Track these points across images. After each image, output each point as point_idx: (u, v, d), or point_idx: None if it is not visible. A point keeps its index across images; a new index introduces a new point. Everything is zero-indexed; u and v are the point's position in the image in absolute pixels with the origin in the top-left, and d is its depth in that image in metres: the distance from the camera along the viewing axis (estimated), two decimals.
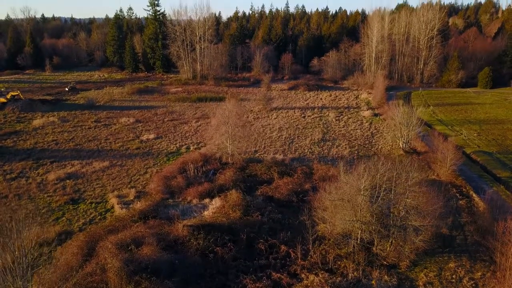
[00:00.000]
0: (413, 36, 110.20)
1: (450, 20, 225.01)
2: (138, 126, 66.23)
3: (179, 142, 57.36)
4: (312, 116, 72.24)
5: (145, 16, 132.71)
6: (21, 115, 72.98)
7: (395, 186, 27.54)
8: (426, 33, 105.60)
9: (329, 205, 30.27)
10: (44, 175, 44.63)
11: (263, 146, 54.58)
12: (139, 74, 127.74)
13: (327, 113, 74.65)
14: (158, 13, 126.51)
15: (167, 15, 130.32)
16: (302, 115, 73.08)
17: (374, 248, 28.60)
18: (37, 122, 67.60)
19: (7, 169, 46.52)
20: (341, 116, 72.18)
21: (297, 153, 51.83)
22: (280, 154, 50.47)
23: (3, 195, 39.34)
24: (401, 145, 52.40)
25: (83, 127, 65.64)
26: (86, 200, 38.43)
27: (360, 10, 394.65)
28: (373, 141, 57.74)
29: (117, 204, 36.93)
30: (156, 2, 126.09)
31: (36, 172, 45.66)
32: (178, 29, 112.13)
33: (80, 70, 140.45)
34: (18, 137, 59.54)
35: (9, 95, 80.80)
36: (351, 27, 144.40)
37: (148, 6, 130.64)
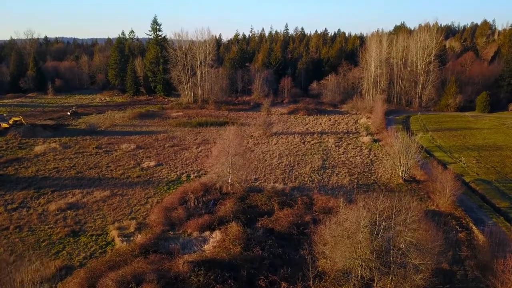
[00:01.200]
0: (410, 61, 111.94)
1: (447, 43, 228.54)
2: (139, 153, 66.65)
3: (180, 170, 57.68)
4: (312, 142, 72.78)
5: (147, 36, 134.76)
6: (23, 141, 73.56)
7: (394, 224, 27.72)
8: (424, 58, 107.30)
9: (329, 240, 30.39)
10: (45, 205, 44.78)
11: (263, 174, 54.88)
12: (140, 97, 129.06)
13: (326, 139, 75.21)
14: (159, 37, 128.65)
15: (168, 39, 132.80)
16: (302, 141, 73.63)
17: (374, 285, 28.57)
18: (38, 148, 68.05)
19: (8, 199, 46.69)
20: (341, 142, 72.72)
21: (297, 181, 52.09)
22: (280, 183, 50.73)
23: (4, 227, 39.43)
24: (400, 173, 52.70)
25: (85, 153, 66.06)
26: (86, 232, 38.49)
27: (358, 33, 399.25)
28: (373, 168, 58.06)
29: (118, 236, 37.00)
30: (157, 27, 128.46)
31: (37, 202, 45.81)
32: (180, 54, 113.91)
33: (81, 93, 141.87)
34: (19, 164, 59.86)
35: (12, 120, 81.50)
36: (349, 50, 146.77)
37: (150, 30, 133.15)
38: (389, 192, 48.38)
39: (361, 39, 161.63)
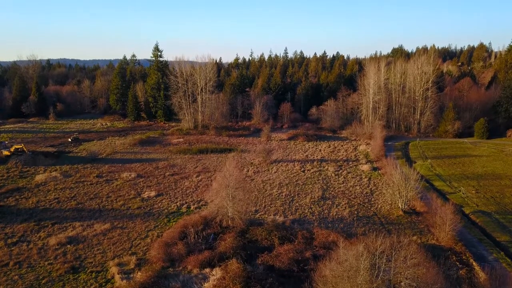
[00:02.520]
0: (408, 87, 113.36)
1: (445, 66, 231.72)
2: (140, 182, 66.87)
3: (180, 200, 57.79)
4: (312, 170, 73.09)
5: (148, 60, 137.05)
6: (24, 169, 73.86)
7: (394, 267, 27.79)
8: (422, 85, 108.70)
9: (329, 279, 30.36)
10: (46, 239, 44.75)
11: (263, 206, 54.99)
12: (141, 122, 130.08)
13: (326, 167, 75.56)
14: (160, 63, 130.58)
15: (169, 61, 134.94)
16: (302, 169, 73.95)
17: None
18: (39, 177, 68.27)
19: (8, 232, 46.69)
20: (340, 171, 73.04)
21: (297, 213, 52.16)
22: (280, 215, 50.80)
23: (4, 263, 39.34)
24: (400, 205, 52.81)
25: (85, 183, 66.30)
26: (86, 269, 38.36)
27: (356, 55, 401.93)
28: (372, 199, 58.19)
29: (118, 273, 36.87)
30: (159, 53, 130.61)
31: (38, 235, 45.79)
32: (181, 81, 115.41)
33: (83, 117, 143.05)
34: (20, 194, 60.02)
35: (13, 148, 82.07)
36: (348, 76, 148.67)
37: (151, 57, 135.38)
38: (389, 225, 48.58)
39: (360, 64, 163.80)
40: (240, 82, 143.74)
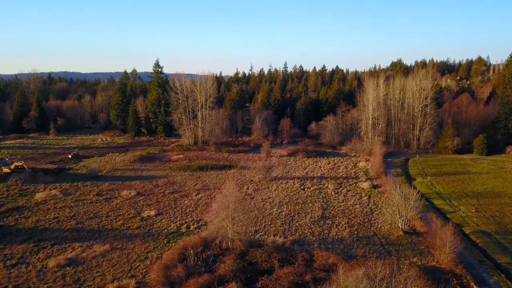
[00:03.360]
0: (407, 103, 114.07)
1: (443, 80, 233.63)
2: (139, 200, 66.84)
3: (180, 220, 57.69)
4: (312, 188, 73.12)
5: (149, 71, 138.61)
6: (24, 187, 73.89)
7: None
8: (420, 101, 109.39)
9: None
10: (45, 260, 44.53)
11: (263, 226, 54.90)
12: (141, 138, 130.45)
13: (326, 184, 75.63)
14: (161, 80, 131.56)
15: (169, 79, 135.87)
16: (302, 187, 73.99)
17: None
18: (39, 196, 68.21)
19: (7, 253, 46.51)
20: (340, 189, 73.08)
21: (297, 233, 52.06)
22: (280, 236, 50.70)
23: (3, 286, 39.15)
24: (400, 225, 52.74)
25: (85, 201, 66.25)
26: None
27: (355, 69, 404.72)
28: (372, 218, 58.13)
29: None
30: (159, 69, 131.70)
31: (37, 257, 45.58)
32: (181, 97, 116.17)
33: (83, 132, 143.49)
34: (20, 213, 59.93)
35: (13, 165, 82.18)
36: (347, 91, 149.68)
37: (152, 72, 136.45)
38: (389, 245, 48.47)
39: (359, 80, 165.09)
40: (240, 97, 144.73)
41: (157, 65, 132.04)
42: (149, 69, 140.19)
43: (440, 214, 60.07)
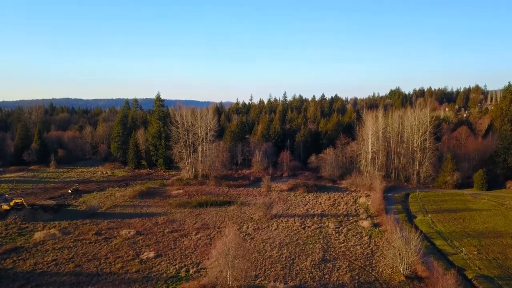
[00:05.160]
0: (406, 137, 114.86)
1: (442, 111, 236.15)
2: (139, 240, 66.34)
3: (179, 262, 57.08)
4: (312, 227, 72.72)
5: (149, 97, 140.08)
6: (22, 225, 73.56)
7: None
8: (419, 136, 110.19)
9: None
10: None
11: (263, 270, 54.27)
12: (141, 170, 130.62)
13: (326, 223, 75.27)
14: (162, 113, 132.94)
15: (170, 107, 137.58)
16: (302, 226, 73.60)
17: None
18: (38, 235, 67.75)
19: None
20: (341, 228, 72.68)
21: (297, 278, 51.43)
22: (280, 282, 50.08)
23: None
24: (401, 269, 52.21)
25: (84, 241, 65.76)
26: None
27: (355, 96, 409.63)
28: (374, 261, 57.58)
29: None
30: (160, 103, 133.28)
31: None
32: (182, 131, 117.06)
33: (83, 164, 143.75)
34: (18, 255, 59.38)
35: (13, 202, 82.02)
36: (346, 124, 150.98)
37: (153, 99, 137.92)
38: None
39: (358, 113, 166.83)
40: (240, 129, 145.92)
41: (158, 98, 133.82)
42: (150, 95, 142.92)
43: (442, 256, 59.58)
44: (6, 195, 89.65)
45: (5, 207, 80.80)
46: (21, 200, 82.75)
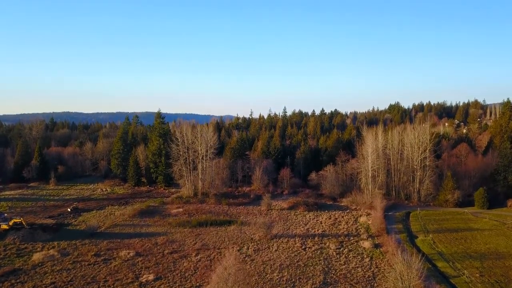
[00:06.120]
0: (406, 155, 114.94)
1: (441, 127, 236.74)
2: (138, 262, 65.77)
3: (179, 286, 56.37)
4: (313, 248, 72.22)
5: (150, 111, 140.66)
6: (21, 246, 72.98)
7: None
8: (419, 154, 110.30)
9: None
10: None
11: None
12: (141, 188, 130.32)
13: (327, 244, 74.78)
14: (162, 130, 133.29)
15: (171, 128, 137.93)
16: (303, 247, 73.11)
17: None
18: (36, 256, 67.18)
19: None
20: (342, 248, 72.19)
21: None
22: None
23: None
24: None
25: (83, 262, 65.19)
26: None
27: (354, 110, 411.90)
28: (375, 284, 57.02)
29: None
30: (161, 120, 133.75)
31: None
32: (182, 149, 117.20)
33: (83, 181, 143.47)
34: (16, 278, 58.82)
35: (12, 221, 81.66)
36: (346, 141, 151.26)
37: (154, 120, 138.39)
38: None
39: (357, 129, 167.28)
40: (240, 145, 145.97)
41: (159, 115, 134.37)
42: (150, 108, 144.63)
43: (444, 279, 59.07)
44: (5, 214, 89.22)
45: (4, 226, 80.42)
46: (20, 220, 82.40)
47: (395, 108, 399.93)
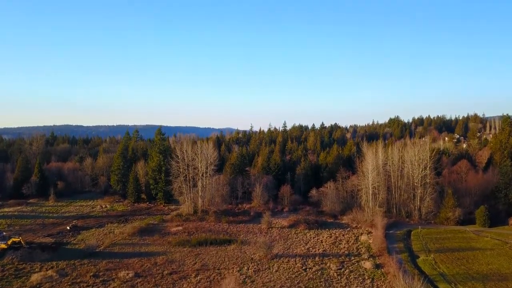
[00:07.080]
0: (407, 172, 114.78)
1: (441, 142, 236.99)
2: (137, 284, 65.04)
3: None
4: (314, 269, 71.55)
5: (150, 124, 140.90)
6: (19, 266, 72.34)
7: None
8: (420, 172, 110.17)
9: None
10: None
11: None
12: (141, 204, 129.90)
13: (328, 264, 74.15)
14: (162, 146, 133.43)
15: (171, 144, 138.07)
16: (303, 267, 72.45)
17: None
18: (35, 277, 66.45)
19: None
20: (342, 269, 71.50)
21: None
22: None
23: None
24: None
25: (81, 284, 64.48)
26: None
27: (354, 123, 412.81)
28: None
29: None
30: (161, 136, 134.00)
31: None
32: (182, 166, 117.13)
33: (83, 197, 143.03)
34: None
35: (10, 241, 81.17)
36: (346, 157, 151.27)
37: (154, 134, 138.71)
38: None
39: (358, 145, 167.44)
40: (240, 161, 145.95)
41: (159, 132, 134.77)
42: (150, 121, 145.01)
43: None
44: (4, 233, 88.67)
45: (2, 246, 79.92)
46: (19, 239, 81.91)
47: (394, 122, 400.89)
